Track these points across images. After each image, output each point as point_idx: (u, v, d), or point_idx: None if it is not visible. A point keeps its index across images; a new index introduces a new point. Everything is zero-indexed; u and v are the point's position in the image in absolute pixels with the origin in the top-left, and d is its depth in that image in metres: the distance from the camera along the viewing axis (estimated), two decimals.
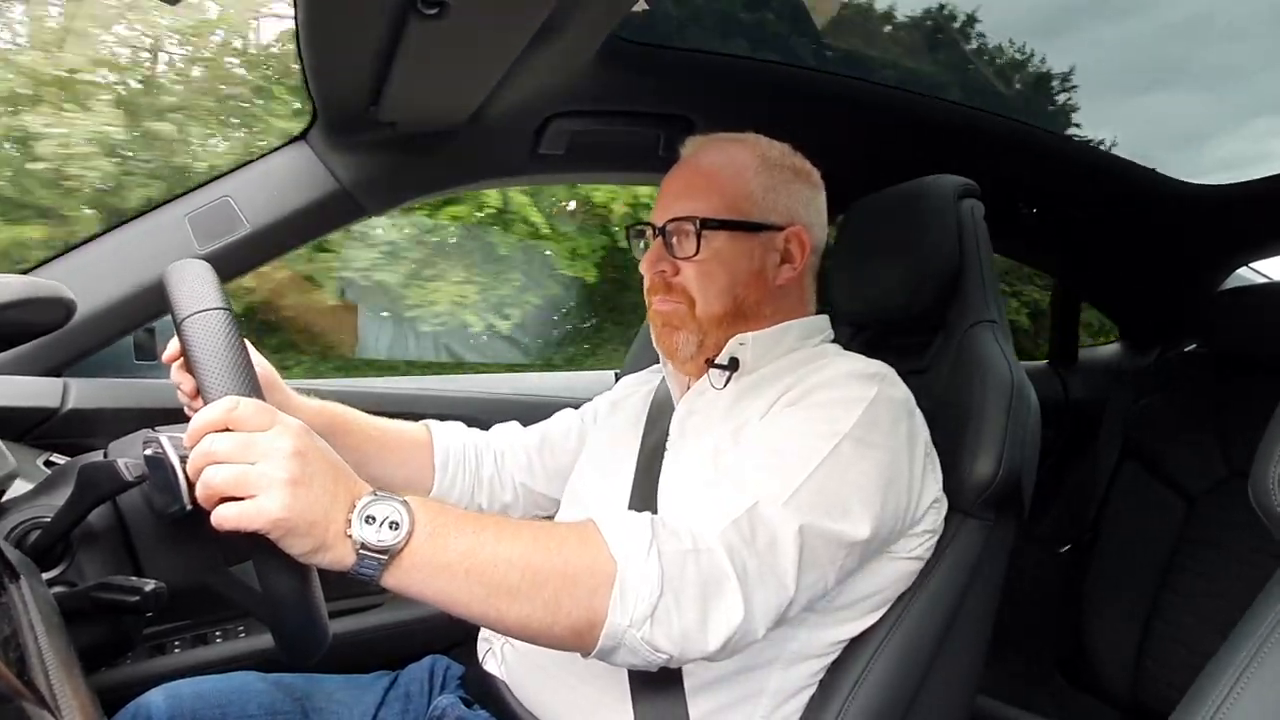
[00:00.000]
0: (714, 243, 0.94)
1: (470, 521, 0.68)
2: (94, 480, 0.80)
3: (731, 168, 0.96)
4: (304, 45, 1.05)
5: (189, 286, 0.69)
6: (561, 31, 1.03)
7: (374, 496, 0.64)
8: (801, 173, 1.00)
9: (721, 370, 0.97)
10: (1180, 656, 1.55)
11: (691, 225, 0.93)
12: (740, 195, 0.95)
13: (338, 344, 2.96)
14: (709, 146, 1.00)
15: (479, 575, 0.65)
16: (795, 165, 1.00)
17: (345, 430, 0.99)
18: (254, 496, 0.60)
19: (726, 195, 0.95)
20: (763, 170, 0.97)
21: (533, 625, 0.68)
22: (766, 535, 0.74)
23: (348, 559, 0.62)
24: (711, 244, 0.94)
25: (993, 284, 1.12)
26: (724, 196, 0.95)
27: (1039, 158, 1.68)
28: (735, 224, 0.94)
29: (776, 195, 0.97)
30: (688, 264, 0.95)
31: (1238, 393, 1.59)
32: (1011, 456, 0.98)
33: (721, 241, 0.94)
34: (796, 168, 1.00)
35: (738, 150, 0.98)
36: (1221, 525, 1.55)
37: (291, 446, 0.61)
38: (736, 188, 0.95)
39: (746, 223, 0.95)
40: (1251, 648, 0.52)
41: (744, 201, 0.95)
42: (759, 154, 0.98)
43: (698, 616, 0.71)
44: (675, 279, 0.96)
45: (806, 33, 1.55)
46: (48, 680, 0.50)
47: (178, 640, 1.24)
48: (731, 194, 0.95)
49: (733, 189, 0.95)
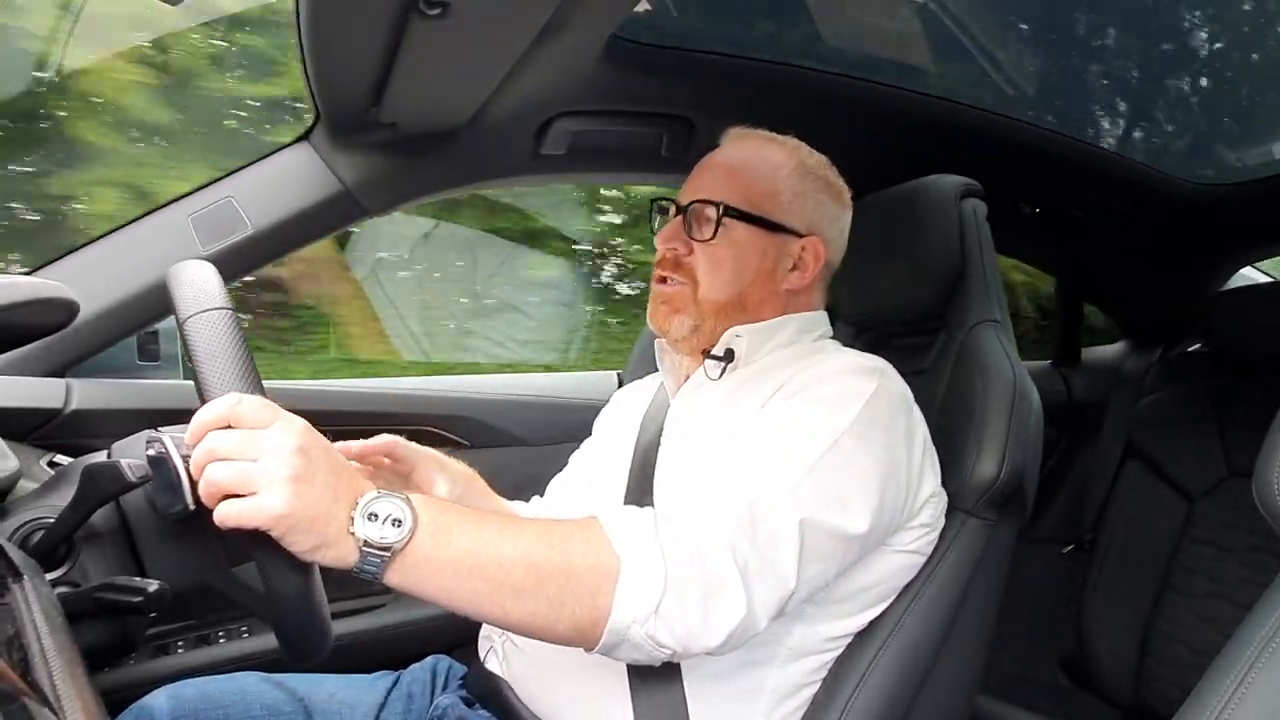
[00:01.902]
0: (732, 232, 0.95)
1: (473, 519, 0.68)
2: (97, 481, 0.80)
3: (766, 165, 0.98)
4: (306, 46, 1.05)
5: (192, 287, 0.69)
6: (563, 32, 1.03)
7: (377, 494, 0.64)
8: (834, 188, 1.01)
9: (717, 362, 0.97)
10: (1182, 656, 1.55)
11: (714, 210, 0.94)
12: (768, 193, 0.96)
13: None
14: (750, 139, 1.01)
15: (482, 572, 0.65)
16: (829, 180, 1.01)
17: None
18: (256, 493, 0.59)
19: (755, 190, 0.96)
20: (796, 175, 0.98)
21: (536, 622, 0.68)
22: (767, 529, 0.75)
23: (350, 556, 0.62)
24: (729, 233, 0.95)
25: (995, 283, 1.12)
26: (752, 190, 0.96)
27: (1040, 157, 1.68)
28: (756, 219, 0.95)
29: (804, 202, 0.97)
30: (702, 247, 0.95)
31: (1239, 392, 1.59)
32: (1014, 456, 0.98)
33: (739, 232, 0.95)
34: (830, 182, 1.01)
35: (777, 150, 1.00)
36: (1223, 525, 1.56)
37: (294, 443, 0.61)
38: (766, 185, 0.96)
39: (767, 220, 0.96)
40: (1256, 648, 0.52)
41: (770, 200, 0.96)
42: (797, 159, 0.99)
43: (700, 612, 0.71)
44: (687, 259, 0.97)
45: (806, 30, 1.55)
46: (51, 680, 0.50)
47: (181, 641, 1.24)
48: (760, 190, 0.96)
49: (762, 185, 0.96)
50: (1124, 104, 1.93)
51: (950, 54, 1.66)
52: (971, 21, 1.64)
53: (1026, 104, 1.73)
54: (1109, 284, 2.07)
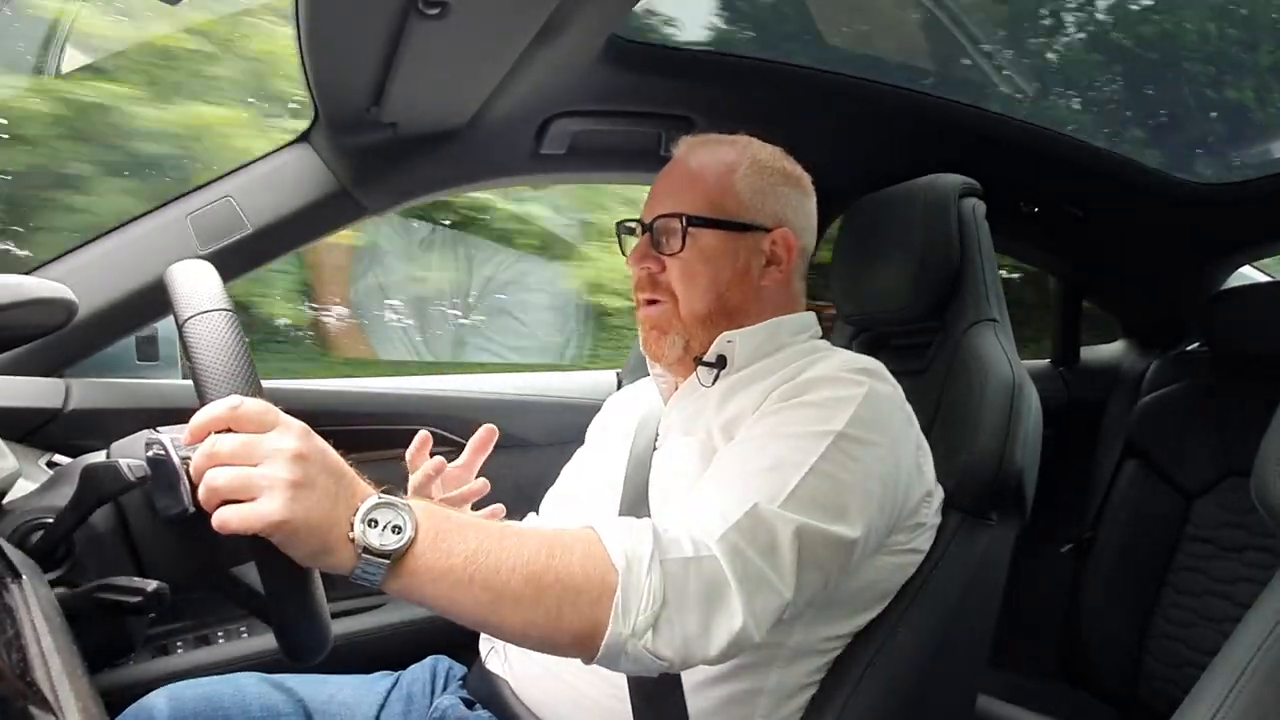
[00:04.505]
0: (699, 240, 0.95)
1: (473, 528, 0.67)
2: (96, 481, 0.79)
3: (720, 168, 0.97)
4: (305, 46, 1.05)
5: (191, 288, 0.69)
6: (562, 32, 1.03)
7: (377, 500, 0.63)
8: (792, 177, 1.01)
9: (709, 368, 0.97)
10: (1181, 654, 1.55)
11: (678, 222, 0.94)
12: (727, 195, 0.96)
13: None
14: (699, 147, 1.01)
15: (482, 581, 0.65)
16: (785, 169, 1.00)
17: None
18: (256, 499, 0.59)
19: (713, 195, 0.96)
20: (751, 172, 0.97)
21: (534, 632, 0.68)
22: (765, 538, 0.74)
23: (350, 562, 0.62)
24: (697, 242, 0.94)
25: (994, 283, 1.12)
26: (710, 196, 0.95)
27: (1040, 157, 1.68)
28: (721, 223, 0.95)
29: (764, 198, 0.97)
30: (673, 261, 0.95)
31: (1238, 392, 1.59)
32: (1013, 455, 0.98)
33: (707, 240, 0.95)
34: (787, 172, 1.00)
35: (727, 151, 0.99)
36: (1222, 524, 1.56)
37: (294, 448, 0.61)
38: (723, 188, 0.96)
39: (732, 222, 0.95)
40: (1254, 646, 0.52)
41: (730, 202, 0.96)
42: (749, 156, 0.98)
43: (699, 624, 0.71)
44: (661, 275, 0.97)
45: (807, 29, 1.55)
46: (50, 681, 0.50)
47: (180, 641, 1.24)
48: (718, 194, 0.96)
49: (719, 189, 0.96)
50: (1124, 104, 1.93)
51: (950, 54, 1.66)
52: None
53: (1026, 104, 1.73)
54: (1109, 283, 2.07)
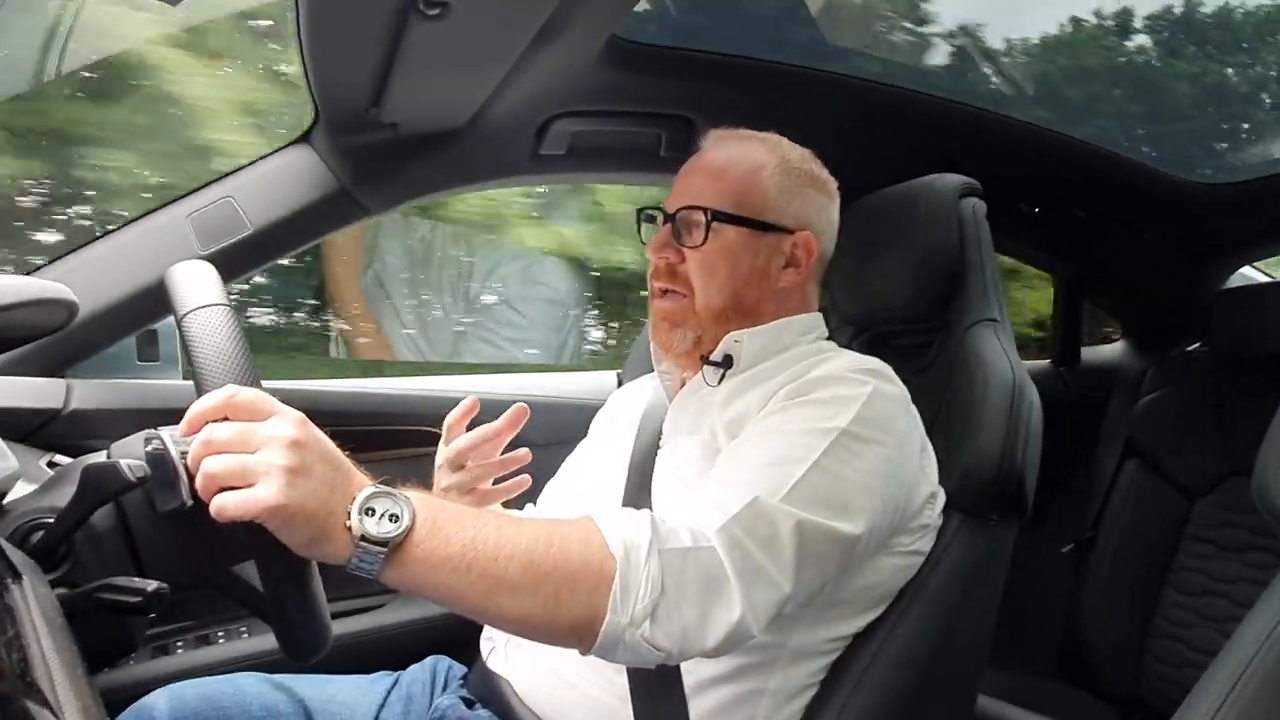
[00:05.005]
0: (721, 236, 0.94)
1: (471, 516, 0.67)
2: (97, 481, 0.79)
3: (749, 165, 0.97)
4: (306, 46, 1.05)
5: (190, 284, 0.69)
6: (563, 32, 1.03)
7: (375, 489, 0.64)
8: (819, 180, 1.01)
9: (715, 368, 0.97)
10: (1181, 654, 1.55)
11: (702, 215, 0.94)
12: (754, 193, 0.96)
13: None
14: (729, 141, 1.01)
15: (479, 570, 0.65)
16: (813, 172, 1.00)
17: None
18: (253, 485, 0.59)
19: (740, 191, 0.95)
20: (780, 172, 0.97)
21: (532, 621, 0.68)
22: (765, 531, 0.74)
23: (346, 551, 0.62)
24: (719, 237, 0.94)
25: (995, 283, 1.12)
26: (737, 192, 0.95)
27: (1040, 157, 1.68)
28: (745, 220, 0.95)
29: (790, 199, 0.97)
30: (693, 253, 0.95)
31: (1239, 391, 1.59)
32: (1013, 456, 0.98)
33: (729, 236, 0.94)
34: (814, 175, 1.00)
35: (757, 149, 0.99)
36: (1223, 523, 1.56)
37: (291, 435, 0.61)
38: (751, 185, 0.96)
39: (756, 221, 0.95)
40: (1255, 646, 0.52)
41: (757, 200, 0.95)
42: (779, 155, 0.98)
43: (697, 615, 0.71)
44: (680, 266, 0.96)
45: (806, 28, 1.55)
46: (51, 681, 0.50)
47: (180, 641, 1.24)
48: (745, 191, 0.95)
49: (747, 186, 0.96)
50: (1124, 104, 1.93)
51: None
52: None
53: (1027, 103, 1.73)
54: (1109, 283, 2.07)
